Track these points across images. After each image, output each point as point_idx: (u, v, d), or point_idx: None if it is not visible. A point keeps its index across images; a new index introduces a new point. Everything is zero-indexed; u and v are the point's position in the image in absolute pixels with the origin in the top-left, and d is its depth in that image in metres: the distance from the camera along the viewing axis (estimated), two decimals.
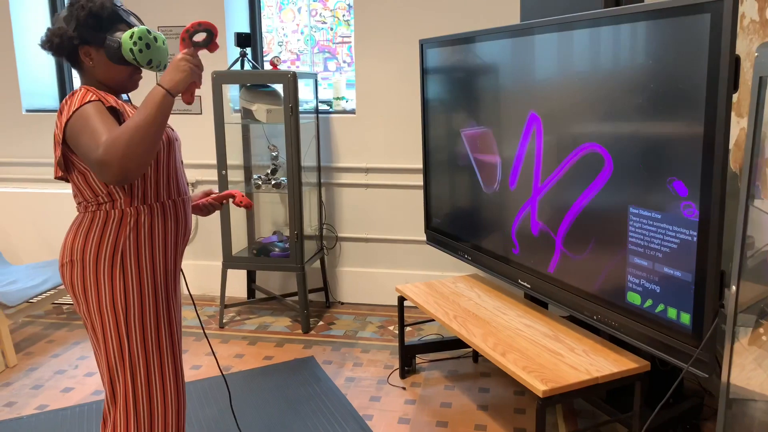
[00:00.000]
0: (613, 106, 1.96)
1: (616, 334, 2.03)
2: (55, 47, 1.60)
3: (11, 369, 3.02)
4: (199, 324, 3.58)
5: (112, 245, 1.60)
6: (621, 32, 1.91)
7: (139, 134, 1.42)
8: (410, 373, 2.93)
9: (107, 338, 1.63)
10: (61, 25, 1.60)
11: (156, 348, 1.67)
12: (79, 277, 1.61)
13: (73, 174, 1.61)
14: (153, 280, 1.66)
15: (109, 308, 1.61)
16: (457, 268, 3.71)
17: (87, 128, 1.48)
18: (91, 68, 1.63)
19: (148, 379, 1.66)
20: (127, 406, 1.65)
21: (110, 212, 1.60)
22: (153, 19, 3.84)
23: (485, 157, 2.67)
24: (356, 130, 3.74)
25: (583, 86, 2.07)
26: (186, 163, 3.96)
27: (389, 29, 3.59)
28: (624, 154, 1.94)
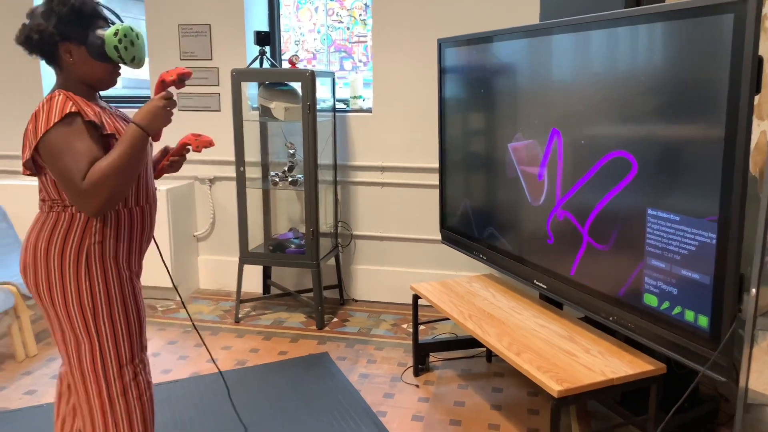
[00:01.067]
0: (637, 109, 1.96)
1: (632, 336, 2.03)
2: (35, 44, 1.56)
3: (32, 358, 3.08)
4: (215, 318, 3.61)
5: (77, 247, 1.60)
6: (642, 33, 1.90)
7: (118, 172, 1.50)
8: (424, 371, 2.94)
9: (78, 340, 1.63)
10: (40, 21, 1.56)
11: (128, 345, 1.68)
12: (44, 278, 1.61)
13: (42, 176, 1.61)
14: (119, 281, 1.66)
15: (76, 309, 1.61)
16: (472, 267, 3.72)
17: (67, 153, 1.49)
18: (70, 65, 1.60)
19: (122, 377, 1.67)
20: (102, 400, 1.66)
21: (76, 215, 1.60)
22: (172, 18, 3.88)
23: (507, 158, 2.67)
24: (372, 128, 3.76)
25: (604, 89, 2.07)
26: (204, 160, 4.00)
27: (407, 28, 3.60)
28: (647, 159, 1.93)
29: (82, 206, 1.51)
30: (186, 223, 3.98)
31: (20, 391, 2.76)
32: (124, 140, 1.53)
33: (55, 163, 1.51)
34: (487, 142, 2.78)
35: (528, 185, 2.51)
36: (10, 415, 2.56)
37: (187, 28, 3.87)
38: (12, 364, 3.01)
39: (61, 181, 1.51)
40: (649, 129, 1.90)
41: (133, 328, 1.70)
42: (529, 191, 2.51)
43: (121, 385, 1.68)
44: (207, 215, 4.09)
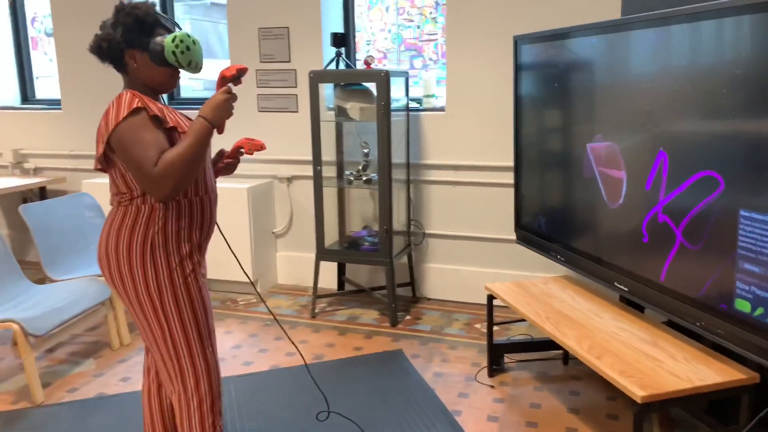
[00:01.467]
0: (731, 105, 1.88)
1: (721, 343, 1.95)
2: (104, 51, 1.74)
3: (126, 347, 3.29)
4: (292, 313, 3.73)
5: (142, 237, 1.74)
6: (744, 26, 1.82)
7: (186, 161, 1.64)
8: (498, 372, 2.93)
9: (150, 324, 1.79)
10: (109, 31, 1.73)
11: (195, 329, 1.82)
12: (116, 268, 1.77)
13: (113, 170, 1.75)
14: (182, 269, 1.79)
15: (145, 296, 1.77)
16: (547, 268, 3.66)
17: (138, 143, 1.63)
18: (135, 70, 1.76)
19: (192, 358, 1.82)
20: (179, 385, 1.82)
21: (141, 207, 1.74)
22: (253, 21, 4.02)
23: (586, 157, 2.62)
24: (446, 127, 3.76)
25: (694, 85, 1.99)
26: (282, 159, 4.13)
27: (481, 25, 3.58)
28: (739, 162, 1.85)
29: (153, 191, 1.64)
30: (265, 220, 4.12)
31: (116, 378, 2.96)
32: (191, 132, 1.67)
33: (126, 153, 1.65)
34: (565, 140, 2.73)
35: (606, 186, 2.45)
36: (108, 401, 2.74)
37: (267, 32, 4.01)
38: (108, 352, 3.23)
39: (134, 170, 1.65)
40: (749, 125, 1.82)
41: (199, 315, 1.83)
42: (606, 192, 2.45)
43: (193, 370, 1.82)
44: (285, 213, 4.22)
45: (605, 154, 2.46)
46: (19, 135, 4.84)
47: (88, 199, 3.65)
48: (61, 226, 3.43)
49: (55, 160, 4.75)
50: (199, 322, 1.84)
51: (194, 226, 1.83)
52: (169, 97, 4.55)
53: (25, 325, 2.64)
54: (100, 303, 3.10)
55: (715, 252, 1.96)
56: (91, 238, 3.57)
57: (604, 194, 2.49)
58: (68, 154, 4.69)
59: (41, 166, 4.80)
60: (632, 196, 2.32)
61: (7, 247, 3.10)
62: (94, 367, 3.07)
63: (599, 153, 2.50)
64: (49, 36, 5.12)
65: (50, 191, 4.76)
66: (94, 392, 2.82)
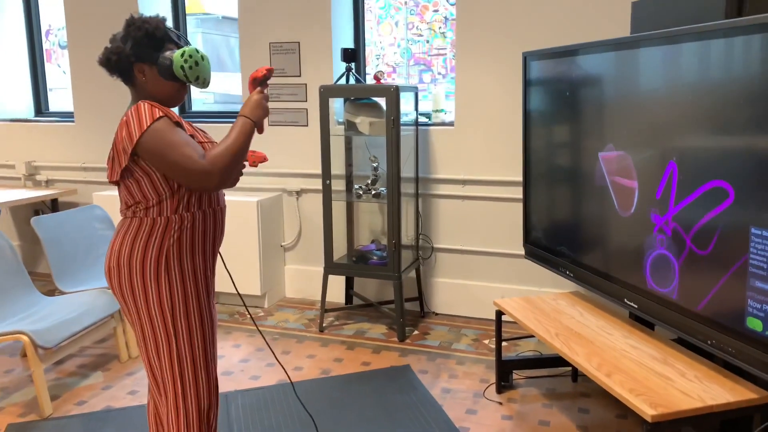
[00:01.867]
0: (742, 123, 1.87)
1: (733, 361, 1.93)
2: (113, 64, 1.76)
3: (134, 360, 3.29)
4: (300, 327, 3.73)
5: (157, 249, 1.75)
6: (753, 44, 1.82)
7: (235, 151, 1.70)
8: (507, 389, 2.91)
9: (157, 337, 1.78)
10: (119, 44, 1.75)
11: (201, 342, 1.83)
12: (127, 280, 1.76)
13: (128, 180, 1.75)
14: (194, 281, 1.81)
15: (156, 309, 1.76)
16: (556, 284, 3.64)
17: (173, 145, 1.66)
18: (143, 83, 1.77)
19: (195, 372, 1.82)
20: (176, 398, 1.81)
21: (156, 219, 1.75)
22: (264, 36, 4.06)
23: (595, 172, 2.61)
24: (454, 141, 3.77)
25: (703, 103, 1.99)
26: (291, 173, 4.15)
27: (490, 40, 3.60)
28: (751, 177, 1.84)
29: (204, 182, 1.67)
30: (274, 233, 4.13)
31: (124, 390, 2.96)
32: (234, 129, 1.73)
33: (164, 157, 1.66)
34: (574, 156, 2.73)
35: (618, 195, 2.44)
36: (116, 414, 2.75)
37: (278, 46, 4.04)
38: (116, 365, 3.24)
39: (177, 169, 1.67)
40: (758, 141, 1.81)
41: (206, 327, 1.84)
42: (618, 202, 2.44)
43: (195, 383, 1.82)
44: (294, 226, 4.23)
45: (616, 166, 2.45)
46: (31, 147, 4.90)
47: (98, 211, 3.68)
48: (71, 238, 3.46)
49: (67, 173, 4.80)
50: (205, 335, 1.85)
51: (207, 239, 1.85)
52: (180, 110, 4.60)
53: (35, 337, 2.65)
54: (109, 315, 3.11)
55: (726, 269, 1.95)
56: (101, 250, 3.60)
57: (615, 203, 2.48)
58: (80, 167, 4.74)
59: (53, 178, 4.85)
60: (643, 204, 2.31)
61: (18, 259, 3.12)
62: (102, 380, 3.07)
63: (611, 162, 2.50)
64: (63, 48, 5.19)
65: (62, 203, 4.80)
66: (101, 405, 2.82)
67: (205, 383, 1.85)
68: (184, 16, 4.53)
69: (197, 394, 1.83)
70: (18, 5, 4.94)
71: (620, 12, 3.30)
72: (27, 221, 4.90)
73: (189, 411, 1.82)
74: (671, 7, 2.42)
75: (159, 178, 1.73)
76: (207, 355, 1.86)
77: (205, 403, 1.85)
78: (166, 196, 1.75)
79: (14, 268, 3.08)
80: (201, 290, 1.84)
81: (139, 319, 1.79)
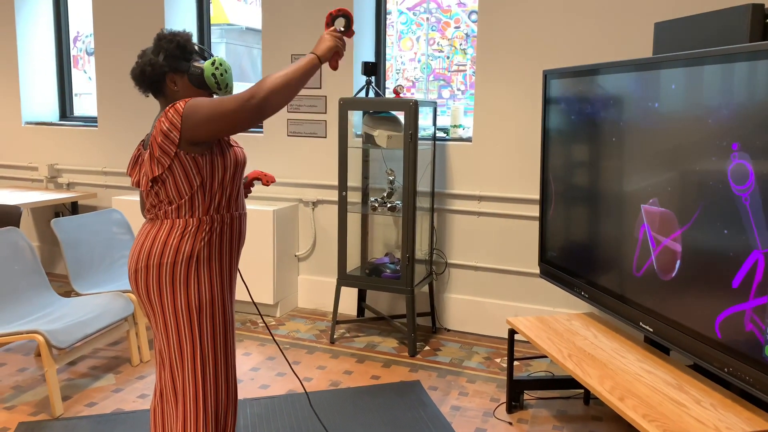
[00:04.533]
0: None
1: (751, 391, 1.89)
2: (148, 75, 1.82)
3: (145, 364, 3.31)
4: (311, 338, 3.72)
5: (188, 251, 1.78)
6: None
7: (286, 79, 1.64)
8: (517, 409, 2.88)
9: (181, 339, 1.80)
10: (151, 57, 1.83)
11: (223, 345, 1.85)
12: (155, 281, 1.78)
13: (164, 175, 1.76)
14: (221, 283, 1.85)
15: (184, 310, 1.78)
16: (570, 304, 3.60)
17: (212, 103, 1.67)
18: (174, 92, 1.84)
19: (216, 375, 1.83)
20: (197, 401, 1.81)
21: (189, 220, 1.78)
22: (286, 47, 4.10)
23: (613, 193, 2.59)
24: (472, 157, 3.77)
25: (726, 128, 1.97)
26: (307, 183, 4.17)
27: (510, 58, 3.60)
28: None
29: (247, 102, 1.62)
30: (288, 243, 4.15)
31: (134, 394, 2.98)
32: (299, 61, 1.71)
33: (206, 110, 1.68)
34: (592, 175, 2.71)
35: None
36: (125, 417, 2.76)
37: (299, 58, 4.08)
38: (128, 368, 3.26)
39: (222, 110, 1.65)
40: None
41: (229, 331, 1.87)
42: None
43: (215, 387, 1.83)
44: (308, 236, 4.24)
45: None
46: (55, 150, 4.98)
47: (117, 215, 3.72)
48: (89, 241, 3.50)
49: (88, 176, 4.87)
50: (227, 339, 1.87)
51: (234, 242, 1.90)
52: None
53: (50, 337, 2.68)
54: (123, 319, 3.14)
55: (745, 297, 1.91)
56: (118, 253, 3.63)
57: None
58: (101, 171, 4.80)
59: (74, 181, 4.92)
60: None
61: (37, 259, 3.17)
62: (113, 383, 3.09)
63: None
64: (90, 55, 5.30)
65: (82, 206, 4.87)
66: (111, 407, 2.84)
67: (224, 389, 1.87)
68: (209, 27, 4.61)
69: (216, 398, 1.84)
70: (48, 12, 5.06)
71: (643, 32, 3.29)
72: (47, 223, 4.97)
73: (208, 415, 1.83)
74: (694, 28, 2.41)
75: (194, 171, 1.76)
76: (228, 360, 1.88)
77: (223, 408, 1.86)
78: (198, 195, 1.78)
79: (33, 269, 3.12)
80: (226, 293, 1.88)
81: (164, 320, 1.81)
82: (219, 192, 1.82)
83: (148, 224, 1.84)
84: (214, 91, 1.87)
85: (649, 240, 2.35)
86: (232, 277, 1.92)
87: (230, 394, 1.89)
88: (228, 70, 1.86)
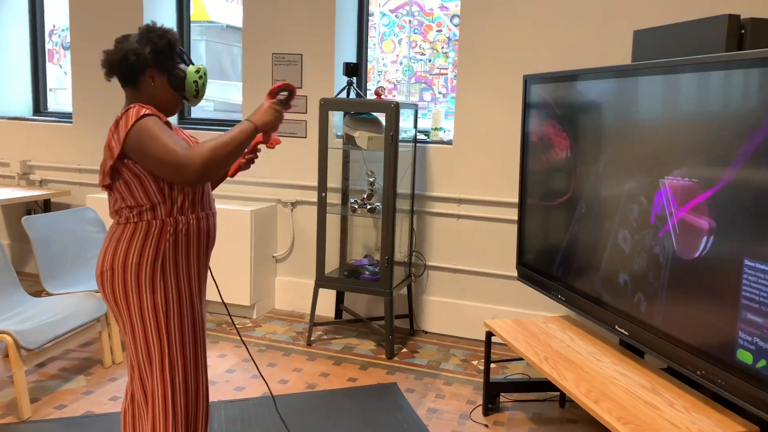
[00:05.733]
0: (727, 154, 1.88)
1: (722, 393, 1.92)
2: (130, 64, 1.77)
3: (117, 365, 3.25)
4: (288, 340, 3.69)
5: (153, 253, 1.75)
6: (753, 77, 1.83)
7: (223, 148, 1.65)
8: (493, 411, 2.88)
9: (149, 342, 1.76)
10: (136, 47, 1.77)
11: (192, 348, 1.82)
12: (121, 284, 1.75)
13: (119, 183, 1.74)
14: (188, 285, 1.82)
15: (150, 313, 1.75)
16: (547, 308, 3.63)
17: (157, 138, 1.65)
18: (149, 89, 1.80)
19: (186, 378, 1.80)
20: (166, 404, 1.78)
21: (151, 222, 1.75)
22: (267, 46, 4.07)
23: (592, 198, 2.62)
24: (452, 160, 3.77)
25: (704, 135, 2.00)
26: (287, 184, 4.14)
27: (491, 62, 3.62)
28: (741, 205, 1.85)
29: (181, 173, 1.62)
30: (266, 243, 4.11)
31: (106, 396, 2.92)
32: (234, 128, 1.71)
33: (147, 149, 1.65)
34: (570, 180, 2.73)
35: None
36: (96, 420, 2.70)
37: (280, 57, 4.06)
38: (100, 370, 3.19)
39: (159, 160, 1.64)
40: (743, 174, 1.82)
41: (198, 333, 1.84)
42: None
43: (184, 390, 1.80)
44: (287, 237, 4.21)
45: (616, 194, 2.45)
46: (28, 146, 4.88)
47: (91, 213, 3.65)
48: (62, 240, 3.43)
49: (62, 173, 4.78)
50: (197, 341, 1.84)
51: (201, 243, 1.86)
52: (180, 116, 4.59)
53: (18, 338, 2.61)
54: (95, 319, 3.07)
55: (718, 300, 1.94)
56: (92, 253, 3.56)
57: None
58: (75, 168, 4.71)
59: (47, 178, 4.83)
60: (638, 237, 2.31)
61: (7, 258, 3.09)
62: (84, 385, 3.03)
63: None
64: (66, 49, 5.20)
65: (54, 204, 4.77)
66: (82, 410, 2.78)
67: (194, 391, 1.83)
68: (189, 23, 4.55)
69: (186, 401, 1.81)
70: (23, 4, 4.95)
71: (622, 40, 3.33)
72: (18, 220, 4.86)
73: (177, 418, 1.79)
74: (672, 37, 2.44)
75: (150, 181, 1.73)
76: (198, 363, 1.85)
77: (193, 411, 1.83)
78: (159, 201, 1.75)
79: (2, 267, 3.04)
80: (195, 295, 1.84)
81: (131, 323, 1.77)
82: (181, 195, 1.78)
83: (113, 227, 1.80)
84: (188, 98, 1.85)
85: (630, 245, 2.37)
86: (201, 278, 1.88)
87: (200, 397, 1.86)
88: (206, 82, 1.86)
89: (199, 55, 6.14)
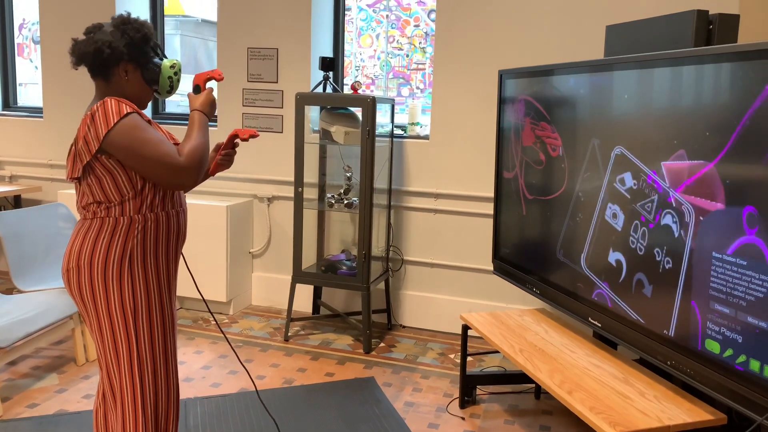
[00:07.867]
0: (706, 152, 1.92)
1: (691, 382, 1.96)
2: (104, 56, 1.73)
3: (91, 363, 3.20)
4: (265, 335, 3.68)
5: (120, 250, 1.72)
6: (723, 72, 1.87)
7: (205, 146, 1.74)
8: (470, 404, 2.91)
9: (116, 340, 1.74)
10: (110, 39, 1.73)
11: (162, 345, 1.80)
12: (87, 281, 1.72)
13: (89, 178, 1.71)
14: (157, 283, 1.80)
15: (118, 310, 1.73)
16: (523, 301, 3.66)
17: (147, 142, 1.65)
18: (122, 82, 1.77)
19: (155, 376, 1.79)
20: (135, 403, 1.76)
21: (119, 218, 1.72)
22: (242, 41, 4.04)
23: (567, 192, 2.64)
24: (429, 155, 3.79)
25: (671, 129, 2.04)
26: (264, 179, 4.12)
27: (468, 57, 3.63)
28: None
29: (182, 180, 1.69)
30: (243, 239, 4.08)
31: (79, 394, 2.88)
32: (196, 125, 1.76)
33: (138, 153, 1.65)
34: (545, 174, 2.76)
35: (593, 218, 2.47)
36: (69, 418, 2.66)
37: (256, 51, 4.02)
38: (72, 368, 3.15)
39: (155, 166, 1.66)
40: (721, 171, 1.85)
41: (168, 331, 1.82)
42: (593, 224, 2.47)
43: (154, 388, 1.78)
44: (263, 233, 4.19)
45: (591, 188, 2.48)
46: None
47: (62, 209, 3.59)
48: (33, 236, 3.36)
49: (33, 169, 4.69)
50: (167, 340, 1.82)
51: (171, 240, 1.84)
52: (153, 111, 4.53)
53: None
54: (67, 317, 3.02)
55: (687, 291, 1.98)
56: (64, 249, 3.50)
57: (591, 226, 2.50)
58: (46, 164, 4.63)
59: (18, 174, 4.73)
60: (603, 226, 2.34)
61: None
62: (57, 383, 2.98)
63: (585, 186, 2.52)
64: (36, 43, 5.09)
65: (25, 200, 4.68)
66: (54, 408, 2.73)
67: (164, 390, 1.81)
68: (163, 17, 4.49)
69: (156, 400, 1.79)
70: None
71: (595, 35, 3.37)
72: None
73: (147, 416, 1.77)
74: (643, 31, 2.48)
75: (123, 177, 1.70)
76: (168, 361, 1.82)
77: (164, 410, 1.81)
78: (129, 197, 1.72)
79: None
80: (164, 293, 1.82)
81: (98, 321, 1.74)
82: (151, 192, 1.75)
83: (80, 223, 1.77)
84: (161, 92, 1.84)
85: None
86: (170, 276, 1.85)
87: (171, 395, 1.84)
88: (180, 78, 1.86)
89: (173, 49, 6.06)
